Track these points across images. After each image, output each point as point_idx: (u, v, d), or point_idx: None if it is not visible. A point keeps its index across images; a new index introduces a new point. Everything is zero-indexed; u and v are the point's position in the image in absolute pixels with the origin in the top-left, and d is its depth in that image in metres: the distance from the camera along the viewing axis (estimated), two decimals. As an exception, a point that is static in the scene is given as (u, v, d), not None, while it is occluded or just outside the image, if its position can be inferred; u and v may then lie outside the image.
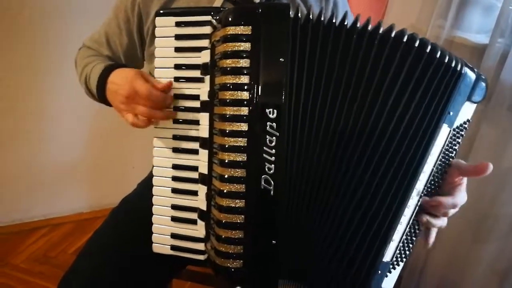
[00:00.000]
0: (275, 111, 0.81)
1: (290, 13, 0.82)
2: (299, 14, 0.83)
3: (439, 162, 0.88)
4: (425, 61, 0.81)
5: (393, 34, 0.82)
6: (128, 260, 1.08)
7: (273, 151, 0.83)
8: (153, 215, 1.00)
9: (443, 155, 0.88)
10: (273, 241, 0.86)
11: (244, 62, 0.82)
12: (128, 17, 1.16)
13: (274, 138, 0.82)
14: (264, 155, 0.83)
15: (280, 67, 0.81)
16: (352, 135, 0.84)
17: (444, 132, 0.85)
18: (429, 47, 0.81)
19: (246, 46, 0.82)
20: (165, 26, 0.94)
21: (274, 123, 0.82)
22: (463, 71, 0.83)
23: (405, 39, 0.81)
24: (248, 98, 0.82)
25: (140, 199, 1.09)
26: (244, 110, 0.83)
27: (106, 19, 1.23)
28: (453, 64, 0.82)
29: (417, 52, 0.81)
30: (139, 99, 0.93)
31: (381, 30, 0.82)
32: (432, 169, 0.87)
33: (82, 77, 1.19)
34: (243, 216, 0.86)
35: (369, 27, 0.83)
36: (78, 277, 1.05)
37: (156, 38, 0.96)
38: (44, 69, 2.25)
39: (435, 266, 1.79)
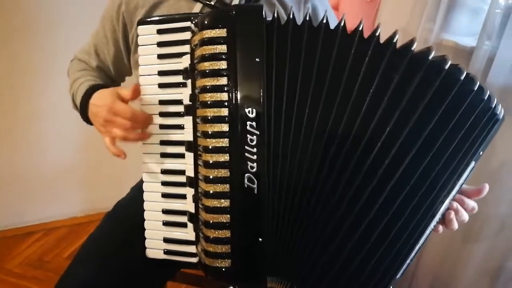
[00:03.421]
0: (254, 110, 0.83)
1: (263, 13, 0.85)
2: (275, 15, 0.86)
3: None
4: (471, 101, 0.83)
5: (430, 57, 0.83)
6: (122, 264, 1.09)
7: (255, 149, 0.84)
8: (145, 221, 1.02)
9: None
10: (259, 239, 0.88)
11: (222, 64, 0.84)
12: (113, 27, 1.19)
13: (255, 137, 0.84)
14: (246, 154, 0.84)
15: (257, 67, 0.83)
16: (357, 143, 0.85)
17: (470, 168, 0.87)
18: (477, 85, 0.83)
19: (222, 48, 0.84)
20: (147, 34, 0.97)
21: (254, 122, 0.84)
22: (501, 117, 0.85)
23: (447, 66, 0.82)
24: (227, 99, 0.84)
25: (134, 203, 1.10)
26: (224, 111, 0.85)
27: (95, 29, 1.26)
28: (497, 111, 0.84)
29: (463, 88, 0.83)
30: (116, 121, 0.95)
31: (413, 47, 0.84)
32: (452, 198, 0.89)
33: (70, 93, 1.22)
34: (228, 216, 0.87)
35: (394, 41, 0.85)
36: (73, 282, 1.06)
37: (139, 46, 0.98)
38: (37, 72, 2.28)
39: (427, 267, 1.79)
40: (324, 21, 0.86)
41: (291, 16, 0.86)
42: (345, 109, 0.85)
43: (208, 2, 1.08)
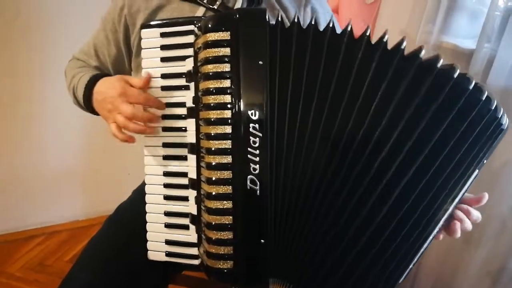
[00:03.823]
0: (257, 112, 0.84)
1: (267, 17, 0.85)
2: (279, 18, 0.86)
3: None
4: (479, 110, 0.83)
5: (439, 64, 0.83)
6: (124, 268, 1.09)
7: (257, 151, 0.85)
8: (147, 223, 1.02)
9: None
10: (262, 240, 0.88)
11: (225, 67, 0.85)
12: (115, 28, 1.19)
13: (257, 139, 0.84)
14: (248, 156, 0.85)
15: (260, 70, 0.84)
16: (363, 149, 0.85)
17: (473, 176, 0.87)
18: (485, 95, 0.83)
19: (226, 51, 0.85)
20: (151, 38, 0.98)
21: (257, 124, 0.84)
22: (505, 127, 0.85)
23: (455, 75, 0.82)
24: (230, 101, 0.85)
25: (135, 206, 1.11)
26: (228, 113, 0.85)
27: (95, 31, 1.26)
28: (503, 121, 0.85)
29: (471, 97, 0.82)
30: (119, 107, 0.95)
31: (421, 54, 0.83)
32: (455, 206, 0.89)
33: (70, 88, 1.22)
34: (231, 217, 0.88)
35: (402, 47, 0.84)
36: (74, 286, 1.06)
37: (143, 50, 0.98)
38: (38, 75, 2.28)
39: (429, 268, 1.79)
40: (331, 25, 0.86)
41: (295, 20, 0.86)
42: (351, 114, 0.85)
43: (211, 6, 1.09)
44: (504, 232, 1.53)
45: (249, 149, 0.85)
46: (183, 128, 0.97)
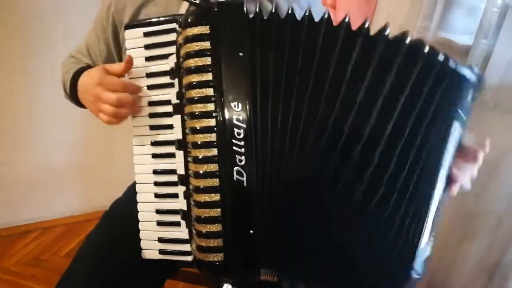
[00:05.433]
0: (240, 104, 0.85)
1: (244, 9, 0.86)
2: (257, 9, 0.87)
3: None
4: (438, 71, 0.86)
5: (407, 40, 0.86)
6: (121, 264, 1.10)
7: (242, 143, 0.85)
8: (139, 222, 1.03)
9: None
10: (251, 231, 0.88)
11: (206, 60, 0.86)
12: (104, 27, 1.21)
13: (242, 130, 0.85)
14: (233, 147, 0.85)
15: (240, 61, 0.85)
16: (340, 135, 0.86)
17: (455, 130, 0.88)
18: (442, 56, 0.86)
19: (206, 45, 0.86)
20: (134, 38, 0.99)
21: (240, 116, 0.85)
22: (474, 79, 0.89)
23: (407, 41, 0.85)
24: (213, 94, 0.86)
25: (131, 202, 1.11)
26: (211, 106, 0.86)
27: (88, 30, 1.29)
28: (464, 72, 0.87)
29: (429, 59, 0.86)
30: (102, 96, 0.96)
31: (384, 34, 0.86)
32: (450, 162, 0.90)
33: (62, 84, 1.24)
34: (219, 210, 0.88)
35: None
36: (73, 282, 1.07)
37: (127, 50, 1.00)
38: (34, 72, 2.29)
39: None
40: (307, 14, 0.87)
41: (273, 10, 0.87)
42: (333, 103, 0.85)
43: (193, 1, 1.09)
44: (500, 228, 1.52)
45: (233, 140, 0.85)
46: (170, 126, 0.98)
